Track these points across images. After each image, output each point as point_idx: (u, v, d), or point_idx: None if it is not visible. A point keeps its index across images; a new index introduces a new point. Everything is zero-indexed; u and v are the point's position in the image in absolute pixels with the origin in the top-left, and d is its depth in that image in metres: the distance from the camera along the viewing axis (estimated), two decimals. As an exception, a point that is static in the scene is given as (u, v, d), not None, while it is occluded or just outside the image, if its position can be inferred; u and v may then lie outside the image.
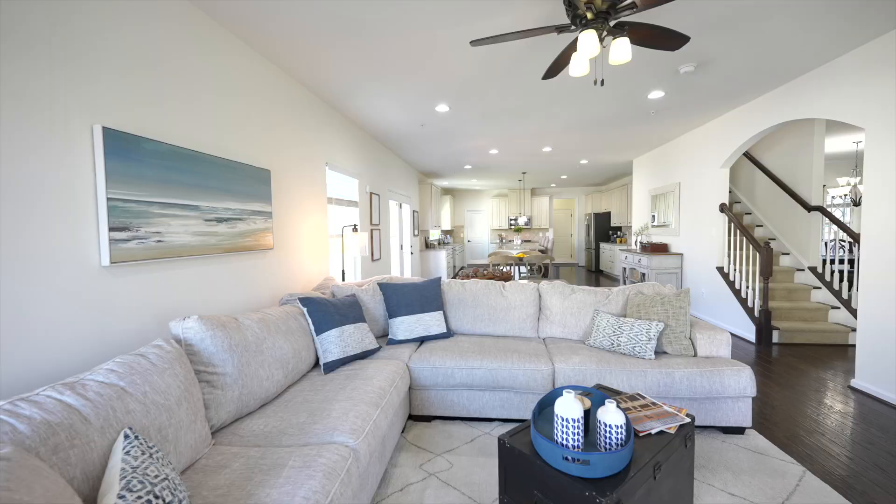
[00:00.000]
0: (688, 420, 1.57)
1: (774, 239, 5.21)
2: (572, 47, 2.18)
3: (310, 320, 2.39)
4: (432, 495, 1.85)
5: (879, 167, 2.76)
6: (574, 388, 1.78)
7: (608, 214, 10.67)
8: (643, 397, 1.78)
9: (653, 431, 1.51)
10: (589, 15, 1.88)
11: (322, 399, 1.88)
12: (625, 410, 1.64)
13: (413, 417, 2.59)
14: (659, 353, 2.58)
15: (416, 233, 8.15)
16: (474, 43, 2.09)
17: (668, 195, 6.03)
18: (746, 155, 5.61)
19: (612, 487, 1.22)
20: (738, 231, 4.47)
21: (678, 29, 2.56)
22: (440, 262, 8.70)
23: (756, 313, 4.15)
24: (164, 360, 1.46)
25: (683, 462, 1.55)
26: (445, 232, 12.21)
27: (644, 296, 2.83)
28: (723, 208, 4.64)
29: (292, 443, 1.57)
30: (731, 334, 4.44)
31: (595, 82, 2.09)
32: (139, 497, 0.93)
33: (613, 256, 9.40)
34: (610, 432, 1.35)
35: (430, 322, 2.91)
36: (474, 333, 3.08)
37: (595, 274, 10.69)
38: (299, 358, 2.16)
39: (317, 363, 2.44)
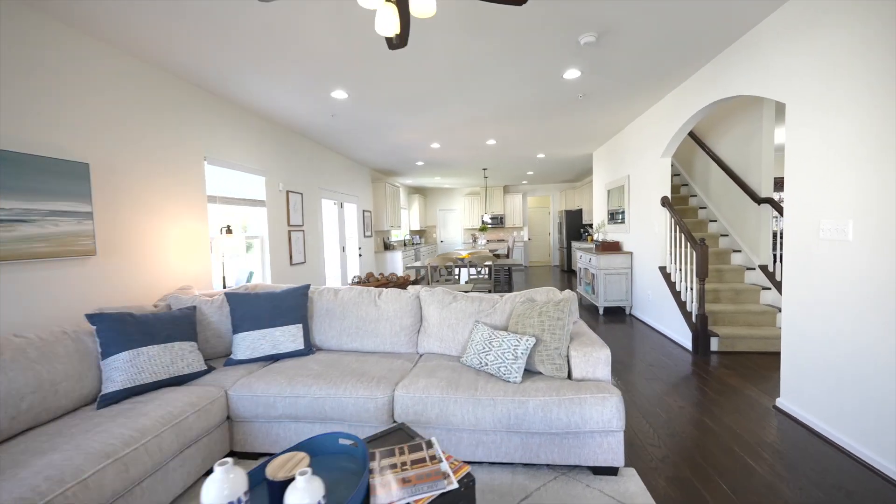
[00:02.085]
0: (455, 486, 1.15)
1: (727, 235, 4.77)
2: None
3: (97, 341, 1.98)
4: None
5: (801, 149, 2.33)
6: (344, 436, 1.36)
7: (580, 212, 10.24)
8: (432, 446, 1.36)
9: (394, 506, 1.09)
10: (372, -48, 1.46)
11: (35, 450, 1.47)
12: (379, 470, 1.22)
13: (237, 454, 2.18)
14: (534, 373, 2.16)
15: (367, 233, 7.73)
16: (259, -3, 1.68)
17: (620, 189, 5.61)
18: (700, 144, 5.17)
19: None
20: (678, 227, 4.04)
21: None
22: (396, 263, 8.28)
23: (693, 318, 3.72)
24: None
25: (447, 544, 1.13)
26: (415, 232, 11.80)
27: (531, 304, 2.41)
28: (664, 202, 4.21)
29: (-80, 522, 1.16)
30: (672, 341, 4.01)
31: (389, 42, 1.67)
32: None
33: (582, 255, 8.97)
34: (292, 519, 0.94)
35: (280, 337, 2.50)
36: (340, 349, 2.66)
37: (568, 274, 10.26)
38: (52, 392, 1.74)
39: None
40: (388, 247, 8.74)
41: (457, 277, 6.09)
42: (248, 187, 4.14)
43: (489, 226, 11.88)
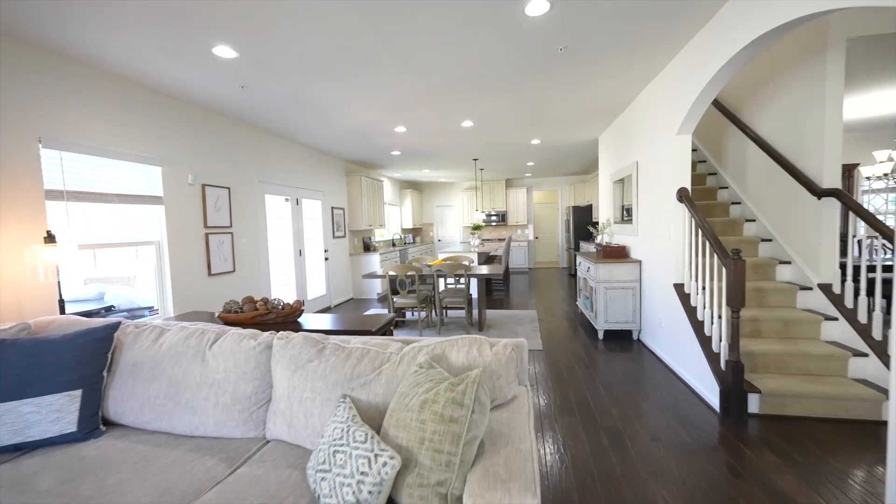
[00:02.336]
0: None
1: (770, 240, 3.56)
2: None
3: None
4: None
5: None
6: None
7: (590, 207, 9.01)
8: None
9: None
10: None
11: None
12: None
13: None
14: (407, 517, 1.14)
15: (338, 233, 6.80)
16: None
17: (627, 180, 4.45)
18: (733, 120, 3.96)
19: None
20: (699, 230, 2.88)
21: None
22: (373, 268, 7.32)
23: (722, 364, 2.57)
24: None
25: None
26: (409, 231, 10.82)
27: (426, 374, 1.38)
28: (682, 195, 3.06)
29: None
30: (691, 390, 2.87)
31: None
32: None
33: (590, 258, 7.77)
34: None
35: (31, 416, 1.56)
36: (143, 429, 1.71)
37: (576, 279, 9.06)
38: None
39: None
40: (368, 248, 7.80)
41: (430, 289, 5.07)
42: (138, 181, 3.24)
43: (492, 223, 10.77)
